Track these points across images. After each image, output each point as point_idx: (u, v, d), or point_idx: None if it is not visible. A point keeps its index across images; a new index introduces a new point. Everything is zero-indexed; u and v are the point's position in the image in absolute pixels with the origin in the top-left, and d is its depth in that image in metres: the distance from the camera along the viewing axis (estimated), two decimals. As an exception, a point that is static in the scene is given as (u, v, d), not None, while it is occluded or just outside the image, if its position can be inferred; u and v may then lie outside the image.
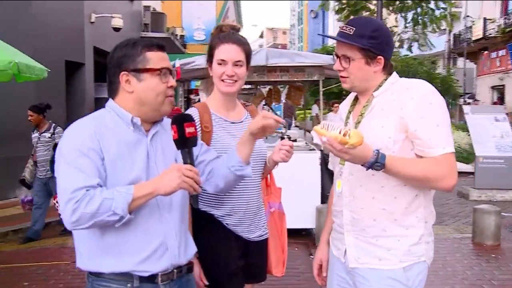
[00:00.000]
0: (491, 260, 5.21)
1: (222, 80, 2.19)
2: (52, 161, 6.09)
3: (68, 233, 5.90)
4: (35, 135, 6.34)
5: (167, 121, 1.88)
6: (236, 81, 2.20)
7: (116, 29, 11.09)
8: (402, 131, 1.81)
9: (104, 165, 1.68)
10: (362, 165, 1.73)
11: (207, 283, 2.19)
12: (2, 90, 7.61)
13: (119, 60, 1.76)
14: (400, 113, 1.81)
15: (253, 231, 2.28)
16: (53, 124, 6.36)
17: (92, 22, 10.86)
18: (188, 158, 1.73)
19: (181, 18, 21.92)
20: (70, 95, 9.76)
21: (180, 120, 1.74)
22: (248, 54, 2.24)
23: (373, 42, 1.84)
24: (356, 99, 2.04)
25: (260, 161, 2.30)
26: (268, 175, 2.49)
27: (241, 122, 2.30)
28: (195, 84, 21.69)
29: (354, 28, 1.85)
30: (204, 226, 2.21)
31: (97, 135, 1.68)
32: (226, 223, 2.21)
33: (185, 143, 1.73)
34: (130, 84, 1.75)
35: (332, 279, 2.09)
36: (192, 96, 27.25)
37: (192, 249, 1.93)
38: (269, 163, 2.33)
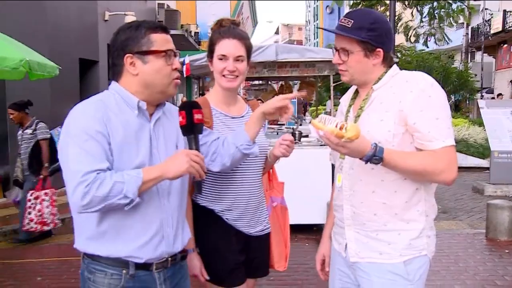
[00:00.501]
0: (505, 256, 5.15)
1: (223, 76, 2.19)
2: (30, 159, 5.98)
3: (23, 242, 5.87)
4: (19, 132, 6.20)
5: (169, 107, 1.89)
6: (237, 76, 2.20)
7: (130, 27, 11.14)
8: (401, 124, 1.79)
9: (111, 149, 1.67)
10: (360, 159, 1.72)
11: (208, 277, 2.20)
12: (18, 88, 7.72)
13: (123, 42, 1.75)
14: (399, 106, 1.79)
15: (253, 226, 2.27)
16: (36, 120, 6.14)
17: (105, 20, 10.94)
18: (194, 144, 1.77)
19: (196, 16, 21.97)
20: (84, 92, 9.84)
21: (189, 107, 1.78)
22: (248, 49, 2.24)
23: (371, 34, 1.82)
24: (356, 92, 2.02)
25: (261, 156, 2.29)
26: (270, 170, 2.48)
27: (242, 117, 2.30)
28: (208, 80, 21.80)
29: (352, 21, 1.83)
30: (204, 221, 2.21)
31: (104, 119, 1.67)
32: (226, 218, 2.21)
33: (192, 129, 1.78)
34: (135, 66, 1.74)
35: (334, 274, 2.09)
36: (206, 92, 27.38)
37: (187, 236, 1.94)
38: (270, 157, 2.32)
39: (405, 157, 1.76)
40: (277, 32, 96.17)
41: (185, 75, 6.55)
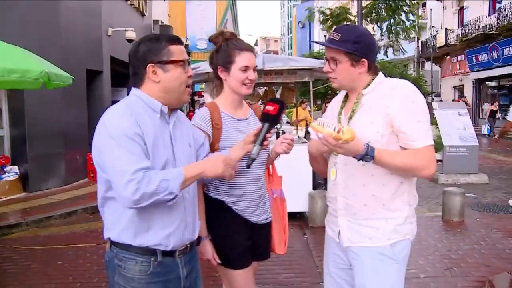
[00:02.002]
0: (457, 234, 5.29)
1: (244, 84, 2.19)
2: None
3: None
4: None
5: (179, 112, 1.90)
6: (253, 83, 2.23)
7: (130, 41, 11.01)
8: (388, 126, 1.81)
9: (146, 149, 1.65)
10: (354, 157, 1.73)
11: (219, 261, 2.20)
12: (34, 97, 7.61)
13: (145, 53, 1.73)
14: (387, 111, 1.81)
15: (258, 215, 2.28)
16: None
17: (109, 35, 10.80)
18: (266, 132, 1.95)
19: (186, 29, 21.80)
20: (90, 99, 9.71)
21: (282, 104, 1.96)
22: None
23: (356, 47, 1.83)
24: (346, 96, 2.02)
25: (264, 153, 2.30)
26: (270, 165, 2.49)
27: (247, 119, 2.29)
28: (199, 87, 21.65)
29: (340, 35, 1.85)
30: (216, 211, 2.21)
31: (138, 121, 1.65)
32: (235, 209, 2.21)
33: (274, 121, 1.94)
34: (156, 74, 1.73)
35: (328, 257, 2.10)
36: (196, 98, 27.18)
37: (199, 224, 1.95)
38: (271, 154, 2.33)
39: (393, 155, 1.78)
40: (256, 44, 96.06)
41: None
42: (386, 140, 1.81)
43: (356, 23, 11.29)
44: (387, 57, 18.54)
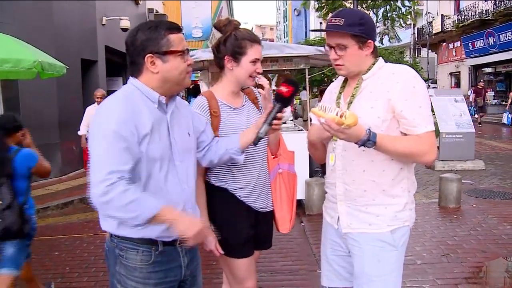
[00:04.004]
0: (453, 220, 5.30)
1: (250, 76, 2.16)
2: None
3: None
4: None
5: (179, 99, 1.86)
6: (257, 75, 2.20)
7: (124, 30, 10.91)
8: (389, 112, 1.79)
9: (139, 142, 1.61)
10: (355, 143, 1.70)
11: (222, 252, 2.17)
12: (29, 87, 7.53)
13: (143, 43, 1.66)
14: (388, 96, 1.78)
15: (262, 201, 2.25)
16: None
17: (103, 24, 10.69)
18: (277, 112, 1.92)
19: (181, 18, 21.59)
20: (85, 89, 9.65)
21: (297, 87, 1.93)
22: None
23: (362, 29, 1.80)
24: (345, 80, 1.98)
25: (265, 140, 2.27)
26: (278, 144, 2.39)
27: (243, 106, 2.26)
28: (194, 75, 21.52)
29: (343, 19, 1.80)
30: (218, 199, 2.18)
31: (134, 113, 1.61)
32: (239, 195, 2.18)
33: (287, 101, 1.92)
34: (155, 65, 1.68)
35: (326, 244, 2.08)
36: (191, 86, 27.05)
37: (198, 213, 1.93)
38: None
39: (394, 141, 1.76)
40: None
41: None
42: (386, 125, 1.79)
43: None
44: (383, 44, 18.46)
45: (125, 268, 1.72)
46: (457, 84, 26.26)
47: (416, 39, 30.51)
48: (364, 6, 15.85)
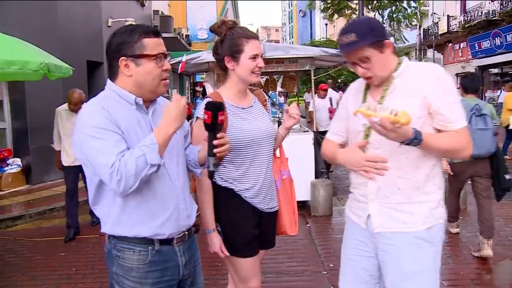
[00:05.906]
0: (461, 221, 5.25)
1: (253, 72, 2.16)
2: None
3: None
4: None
5: (160, 99, 1.86)
6: (261, 70, 2.20)
7: (130, 32, 10.99)
8: (424, 109, 1.79)
9: (123, 137, 1.63)
10: (401, 142, 1.69)
11: (227, 254, 2.17)
12: (35, 88, 7.59)
13: (118, 46, 1.69)
14: (421, 93, 1.79)
15: (267, 203, 2.26)
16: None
17: (109, 26, 10.74)
18: (213, 139, 1.75)
19: (186, 20, 21.65)
20: (91, 90, 9.70)
21: (215, 108, 1.73)
22: None
23: (375, 33, 1.79)
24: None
25: (271, 140, 2.28)
26: (279, 147, 2.45)
27: (251, 106, 2.27)
28: (200, 77, 21.57)
29: (354, 33, 1.78)
30: (224, 200, 2.19)
31: (111, 114, 1.63)
32: (245, 196, 2.19)
33: (214, 127, 1.75)
34: (129, 68, 1.69)
35: (349, 243, 2.06)
36: (197, 88, 27.12)
37: (195, 208, 1.93)
38: (281, 132, 2.32)
39: (438, 138, 1.77)
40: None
41: (178, 72, 6.46)
42: (421, 122, 1.78)
43: (357, 10, 11.17)
44: (388, 45, 18.41)
45: (122, 268, 1.73)
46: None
47: (422, 40, 30.39)
48: (369, 7, 15.81)
